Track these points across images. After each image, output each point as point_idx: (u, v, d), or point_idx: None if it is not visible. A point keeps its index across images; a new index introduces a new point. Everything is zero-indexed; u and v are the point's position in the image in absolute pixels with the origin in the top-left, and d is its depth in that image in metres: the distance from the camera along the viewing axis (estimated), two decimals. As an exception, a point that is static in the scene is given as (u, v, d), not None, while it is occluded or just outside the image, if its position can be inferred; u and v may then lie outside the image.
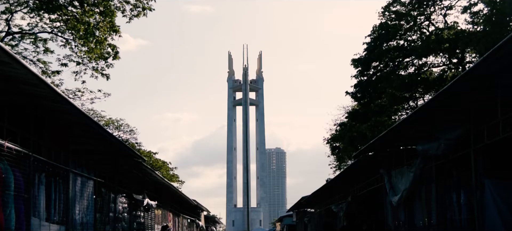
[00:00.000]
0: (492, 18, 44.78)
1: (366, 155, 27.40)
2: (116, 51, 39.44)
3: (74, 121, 19.52)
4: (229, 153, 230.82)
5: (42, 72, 41.69)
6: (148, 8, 38.08)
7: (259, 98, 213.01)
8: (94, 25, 37.56)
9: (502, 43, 12.20)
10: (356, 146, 51.57)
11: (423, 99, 52.63)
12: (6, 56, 12.27)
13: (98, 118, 66.40)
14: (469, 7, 48.68)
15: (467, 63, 50.04)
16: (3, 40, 38.67)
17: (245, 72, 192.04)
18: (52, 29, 40.09)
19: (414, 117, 20.03)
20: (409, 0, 53.59)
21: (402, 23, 54.89)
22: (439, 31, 51.87)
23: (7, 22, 39.55)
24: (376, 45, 56.25)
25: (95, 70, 40.13)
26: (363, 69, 58.01)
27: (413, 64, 55.33)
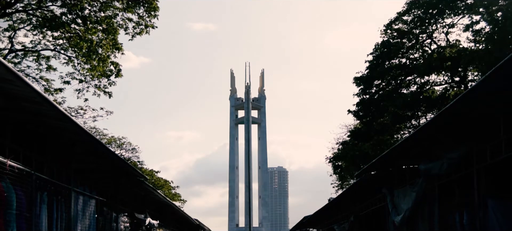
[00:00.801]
0: (494, 36, 44.81)
1: (368, 174, 27.33)
2: (118, 69, 39.51)
3: (77, 139, 19.49)
4: (231, 171, 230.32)
5: (44, 90, 41.76)
6: (151, 25, 38.22)
7: (261, 116, 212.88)
8: (97, 42, 37.67)
9: (504, 62, 12.19)
10: (359, 165, 51.48)
11: (426, 118, 52.57)
12: (9, 74, 12.27)
13: (100, 136, 66.44)
14: (471, 25, 48.73)
15: (469, 81, 50.04)
16: (6, 58, 38.75)
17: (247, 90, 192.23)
18: (55, 46, 40.23)
19: (416, 136, 19.99)
20: (411, 18, 53.62)
21: (404, 41, 54.90)
22: (441, 49, 51.91)
23: (10, 39, 39.68)
24: (378, 63, 56.25)
25: (98, 88, 40.22)
26: (365, 88, 57.97)
27: (415, 83, 55.30)
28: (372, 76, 56.82)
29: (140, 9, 37.49)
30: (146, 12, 37.66)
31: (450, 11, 50.64)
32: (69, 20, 36.63)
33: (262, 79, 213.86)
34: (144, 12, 37.63)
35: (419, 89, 54.35)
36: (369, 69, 57.20)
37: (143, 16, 37.80)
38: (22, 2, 36.76)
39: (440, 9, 50.86)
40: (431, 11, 51.65)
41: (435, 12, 51.42)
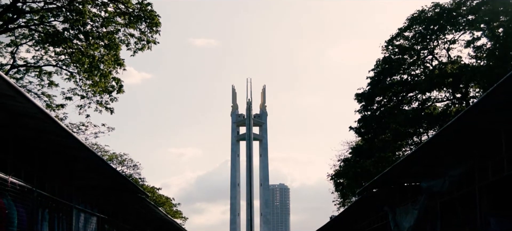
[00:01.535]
0: (495, 52, 44.85)
1: (370, 191, 27.27)
2: (120, 85, 39.52)
3: (78, 155, 19.48)
4: (233, 188, 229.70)
5: (46, 106, 41.76)
6: (153, 41, 38.21)
7: (262, 133, 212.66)
8: (98, 58, 37.68)
9: (505, 78, 12.18)
10: (360, 182, 51.34)
11: (427, 134, 52.47)
12: (11, 90, 12.26)
13: (101, 153, 66.37)
14: (472, 42, 48.80)
15: (471, 98, 50.00)
16: (8, 73, 38.78)
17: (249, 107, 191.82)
18: (57, 62, 40.25)
19: (418, 154, 19.95)
20: (413, 34, 53.65)
21: (405, 57, 54.88)
22: (443, 65, 51.90)
23: (12, 55, 39.74)
24: (379, 79, 56.21)
25: (99, 104, 40.17)
26: (366, 104, 57.91)
27: (417, 99, 55.24)
28: (373, 92, 56.78)
29: (142, 24, 37.53)
30: (148, 28, 37.68)
31: (451, 27, 50.71)
32: (71, 36, 36.68)
33: (264, 95, 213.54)
34: (146, 27, 37.65)
35: (421, 106, 54.30)
36: (370, 86, 57.16)
37: (145, 32, 37.82)
38: (25, 17, 36.85)
39: (441, 25, 50.93)
40: (432, 27, 51.70)
41: (436, 28, 51.47)
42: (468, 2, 49.43)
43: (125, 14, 37.04)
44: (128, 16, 37.04)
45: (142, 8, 36.99)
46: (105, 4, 36.81)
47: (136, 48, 38.20)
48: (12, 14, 35.43)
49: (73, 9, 35.03)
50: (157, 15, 37.39)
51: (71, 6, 35.11)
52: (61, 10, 35.92)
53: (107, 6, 36.93)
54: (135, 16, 37.10)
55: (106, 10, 37.05)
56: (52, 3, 36.09)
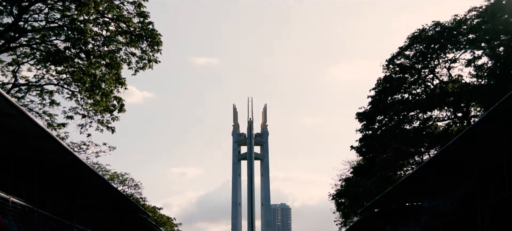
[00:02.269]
0: (496, 71, 44.88)
1: (371, 211, 27.21)
2: (121, 104, 39.51)
3: (79, 175, 19.45)
4: (234, 208, 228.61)
5: (47, 125, 41.73)
6: (154, 60, 38.26)
7: (263, 152, 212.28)
8: (100, 77, 37.71)
9: (506, 97, 12.17)
10: (362, 202, 51.22)
11: (429, 154, 52.38)
12: (13, 109, 12.26)
13: (103, 172, 66.32)
14: (473, 60, 48.87)
15: (472, 117, 49.95)
16: (9, 92, 38.81)
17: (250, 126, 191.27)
18: (58, 81, 40.26)
19: (419, 173, 19.91)
20: (413, 53, 53.72)
21: (406, 76, 54.91)
22: (444, 84, 51.93)
23: (13, 73, 39.77)
24: (380, 98, 56.21)
25: (101, 123, 40.14)
26: (367, 123, 57.85)
27: (418, 118, 55.17)
28: (374, 112, 56.75)
29: (143, 43, 37.62)
30: (149, 47, 37.75)
31: (452, 46, 50.80)
32: (73, 55, 36.73)
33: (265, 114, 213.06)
34: (147, 46, 37.73)
35: (422, 125, 54.23)
36: (371, 105, 57.15)
37: (146, 51, 37.89)
38: (26, 36, 36.94)
39: (442, 44, 51.03)
40: (433, 46, 51.80)
41: (437, 47, 51.58)
42: (468, 21, 49.57)
43: (127, 33, 37.13)
44: (130, 35, 37.13)
45: (143, 27, 37.09)
46: (106, 23, 36.93)
47: (137, 67, 38.27)
48: (14, 33, 35.52)
49: (75, 28, 35.12)
50: (159, 34, 37.50)
51: (72, 25, 35.21)
52: (62, 29, 36.04)
53: (108, 25, 37.05)
54: (137, 35, 37.19)
55: (108, 29, 37.17)
56: (53, 22, 36.22)
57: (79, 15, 35.15)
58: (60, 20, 36.13)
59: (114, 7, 36.44)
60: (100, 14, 36.49)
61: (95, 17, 36.43)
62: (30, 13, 35.93)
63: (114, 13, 36.69)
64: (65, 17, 35.88)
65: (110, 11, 36.56)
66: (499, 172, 16.04)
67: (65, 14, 35.91)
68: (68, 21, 35.60)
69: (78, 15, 35.21)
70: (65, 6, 35.74)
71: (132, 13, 36.98)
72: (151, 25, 37.21)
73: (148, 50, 37.88)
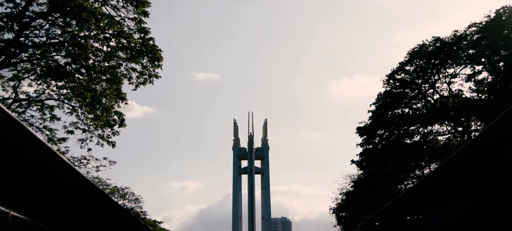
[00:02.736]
0: (497, 86, 44.94)
1: (372, 225, 27.20)
2: (122, 119, 39.56)
3: (79, 189, 19.46)
4: (235, 222, 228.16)
5: (48, 139, 41.74)
6: (155, 75, 38.35)
7: (264, 166, 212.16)
8: (100, 92, 37.79)
9: (507, 112, 12.20)
10: (362, 216, 51.10)
11: (429, 168, 52.33)
12: (13, 124, 12.30)
13: (103, 186, 66.23)
14: (473, 75, 48.97)
15: (472, 131, 49.95)
16: (10, 107, 38.85)
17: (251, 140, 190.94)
18: (59, 96, 40.31)
19: (420, 187, 19.92)
20: (414, 69, 53.84)
21: (406, 91, 55.01)
22: (444, 99, 51.99)
23: (14, 89, 39.81)
24: (381, 113, 56.29)
25: (101, 138, 40.16)
26: (368, 138, 57.89)
27: (418, 133, 55.18)
28: (375, 126, 56.81)
29: (144, 59, 37.71)
30: (149, 62, 37.84)
31: (452, 61, 50.93)
32: (73, 70, 36.81)
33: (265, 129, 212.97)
34: (148, 62, 37.82)
35: (423, 139, 54.24)
36: (372, 119, 57.22)
37: (147, 66, 37.98)
38: (27, 52, 37.00)
39: (442, 59, 51.16)
40: (433, 61, 51.93)
41: (437, 62, 51.70)
42: (468, 36, 49.73)
43: (127, 48, 37.24)
44: (130, 50, 37.24)
45: (144, 43, 37.20)
46: (107, 39, 37.03)
47: (138, 82, 38.36)
48: (15, 49, 35.60)
49: (76, 43, 35.21)
50: (159, 49, 37.61)
51: (73, 40, 35.29)
52: (63, 44, 36.13)
53: (109, 41, 37.15)
54: (137, 50, 37.29)
55: (108, 45, 37.27)
56: (54, 38, 36.31)
57: (80, 31, 35.25)
58: (61, 36, 36.22)
59: (115, 23, 36.55)
60: (101, 30, 36.60)
61: (96, 33, 36.54)
62: (31, 29, 36.03)
63: (115, 29, 36.81)
64: (66, 33, 35.97)
65: (111, 27, 36.67)
66: (499, 183, 16.07)
67: (66, 30, 36.00)
68: (68, 37, 35.69)
69: (78, 31, 35.30)
70: (66, 22, 35.82)
71: (133, 29, 37.11)
72: (151, 41, 37.34)
73: (148, 65, 37.99)
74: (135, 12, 36.82)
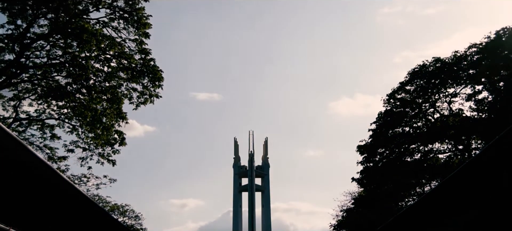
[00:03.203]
0: (497, 105, 44.98)
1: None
2: (122, 138, 39.64)
3: (80, 207, 19.46)
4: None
5: (48, 158, 41.80)
6: (155, 95, 38.46)
7: (264, 184, 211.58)
8: (101, 111, 37.87)
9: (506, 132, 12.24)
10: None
11: (430, 185, 52.29)
12: (13, 143, 12.34)
13: (103, 204, 66.15)
14: (473, 95, 49.04)
15: (473, 149, 49.96)
16: (10, 126, 38.90)
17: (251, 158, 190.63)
18: (59, 115, 40.39)
19: (420, 205, 19.91)
20: (414, 88, 53.97)
21: (407, 110, 55.09)
22: (444, 118, 52.04)
23: (14, 108, 39.88)
24: (381, 132, 56.34)
25: (101, 156, 40.23)
26: (369, 156, 57.90)
27: (419, 151, 55.17)
28: (375, 144, 56.84)
29: (145, 79, 37.84)
30: (150, 82, 37.99)
31: (452, 81, 51.05)
32: (74, 90, 36.92)
33: (266, 147, 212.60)
34: (149, 82, 37.96)
35: (423, 157, 54.21)
36: (372, 138, 57.28)
37: (148, 86, 38.11)
38: (28, 72, 37.12)
39: (442, 79, 51.30)
40: (433, 81, 52.07)
41: (437, 82, 51.83)
42: (468, 57, 49.93)
43: (128, 69, 37.38)
44: (131, 71, 37.37)
45: (145, 63, 37.35)
46: (108, 59, 37.18)
47: (138, 102, 38.48)
48: (16, 69, 35.71)
49: (76, 64, 35.36)
50: (160, 70, 37.76)
51: (74, 61, 35.44)
52: (64, 65, 36.27)
53: (110, 62, 37.30)
54: (138, 71, 37.45)
55: (109, 66, 37.41)
56: (55, 58, 36.43)
57: (81, 52, 35.42)
58: (62, 56, 36.38)
59: (116, 44, 36.74)
60: (102, 51, 36.77)
61: (97, 54, 36.70)
62: (32, 50, 36.18)
63: (116, 50, 36.99)
64: (67, 54, 36.14)
65: (112, 48, 36.86)
66: (500, 200, 16.08)
67: (67, 51, 36.17)
68: (69, 57, 35.85)
69: (80, 52, 35.49)
70: (67, 43, 36.00)
71: (134, 50, 37.29)
72: (152, 61, 37.52)
73: (149, 85, 38.13)
74: (136, 33, 37.02)
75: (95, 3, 36.01)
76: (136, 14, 36.49)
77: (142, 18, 36.67)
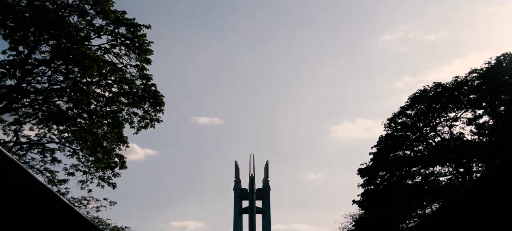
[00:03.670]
0: (498, 129, 45.03)
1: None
2: (123, 161, 39.61)
3: (79, 229, 19.40)
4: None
5: (48, 181, 41.77)
6: (156, 119, 38.49)
7: (265, 206, 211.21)
8: (102, 136, 37.90)
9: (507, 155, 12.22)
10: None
11: (431, 208, 52.25)
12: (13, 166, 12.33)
13: (103, 226, 65.99)
14: (474, 119, 49.15)
15: (474, 172, 49.96)
16: (11, 150, 38.91)
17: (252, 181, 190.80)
18: (60, 139, 40.40)
19: (421, 226, 19.84)
20: (415, 112, 54.11)
21: (408, 134, 55.19)
22: (445, 141, 52.10)
23: (15, 132, 39.91)
24: (382, 155, 56.40)
25: (102, 180, 40.18)
26: (369, 179, 57.91)
27: (420, 174, 55.18)
28: (376, 167, 56.86)
29: (146, 104, 37.91)
30: (151, 107, 38.05)
31: (453, 106, 51.20)
32: (75, 115, 36.97)
33: (267, 170, 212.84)
34: (150, 107, 38.03)
35: (424, 180, 54.21)
36: (373, 161, 57.32)
37: (149, 111, 38.17)
38: (29, 97, 37.20)
39: (443, 104, 51.46)
40: (434, 106, 52.22)
41: (438, 106, 51.98)
42: (469, 82, 50.12)
43: (129, 94, 37.48)
44: (132, 96, 37.46)
45: (146, 88, 37.45)
46: (109, 85, 37.28)
47: (139, 126, 38.50)
48: (17, 95, 35.79)
49: (78, 89, 35.45)
50: (161, 95, 37.86)
51: (75, 87, 35.54)
52: (65, 90, 36.36)
53: (111, 87, 37.40)
54: (139, 96, 37.54)
55: (110, 91, 37.50)
56: (56, 84, 36.53)
57: (82, 77, 35.53)
58: (63, 82, 36.50)
59: (117, 70, 36.88)
60: (103, 76, 36.89)
61: (98, 79, 36.81)
62: (33, 75, 36.29)
63: (117, 75, 37.11)
64: (68, 80, 36.25)
65: (113, 74, 36.99)
66: (502, 224, 16.03)
67: (68, 76, 36.29)
68: (71, 83, 35.97)
69: (81, 78, 35.59)
70: (69, 69, 36.13)
71: (135, 75, 37.42)
72: (153, 86, 37.62)
73: (150, 110, 38.20)
74: (138, 59, 37.16)
75: (96, 30, 36.22)
76: (138, 40, 36.66)
77: (144, 45, 36.84)
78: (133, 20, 37.02)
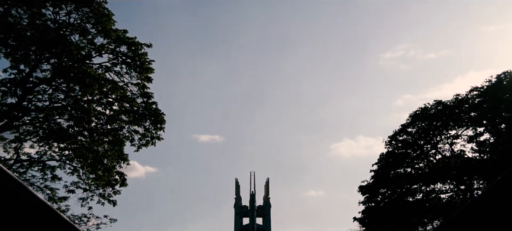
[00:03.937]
0: (499, 147, 45.05)
1: None
2: (123, 179, 39.57)
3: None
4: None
5: (48, 198, 41.69)
6: (157, 137, 38.47)
7: (266, 224, 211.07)
8: (102, 153, 37.87)
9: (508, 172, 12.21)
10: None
11: (432, 225, 52.15)
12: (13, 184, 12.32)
13: (103, 243, 65.80)
14: (475, 137, 49.19)
15: (475, 189, 49.93)
16: (11, 168, 38.89)
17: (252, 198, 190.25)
18: (60, 157, 40.37)
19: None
20: (416, 130, 54.15)
21: (409, 151, 55.19)
22: (446, 159, 52.09)
23: (16, 150, 39.89)
24: (383, 172, 56.37)
25: (102, 197, 40.14)
26: (370, 196, 57.85)
27: (421, 191, 55.13)
28: (377, 185, 56.82)
29: (147, 122, 37.92)
30: (152, 125, 38.05)
31: (453, 123, 51.27)
32: (76, 133, 36.97)
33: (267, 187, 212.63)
34: (151, 125, 38.03)
35: (425, 197, 54.15)
36: (374, 179, 57.28)
37: (150, 129, 38.17)
38: (30, 115, 37.22)
39: (444, 121, 51.53)
40: (435, 123, 52.29)
41: (439, 124, 52.05)
42: (470, 100, 50.23)
43: (130, 112, 37.49)
44: (133, 114, 37.47)
45: (147, 106, 37.47)
46: (110, 103, 37.31)
47: (140, 144, 38.48)
48: (17, 113, 35.81)
49: (78, 107, 35.48)
50: (162, 113, 37.88)
51: (76, 105, 35.57)
52: (66, 108, 36.38)
53: (112, 105, 37.42)
54: (140, 114, 37.55)
55: (111, 109, 37.51)
56: (57, 102, 36.56)
57: (83, 95, 35.56)
58: (64, 100, 36.52)
59: (118, 88, 36.91)
60: (104, 94, 36.92)
61: (99, 97, 36.85)
62: (34, 93, 36.33)
63: (118, 94, 37.13)
64: (69, 98, 36.28)
65: (114, 92, 37.01)
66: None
67: (69, 94, 36.33)
68: (72, 101, 35.99)
69: (82, 96, 35.63)
70: (70, 87, 36.17)
71: (136, 94, 37.46)
72: (154, 105, 37.64)
73: (151, 128, 38.19)
74: (139, 78, 37.22)
75: (98, 49, 36.31)
76: (139, 59, 36.73)
77: (145, 63, 36.91)
78: (134, 38, 37.11)
